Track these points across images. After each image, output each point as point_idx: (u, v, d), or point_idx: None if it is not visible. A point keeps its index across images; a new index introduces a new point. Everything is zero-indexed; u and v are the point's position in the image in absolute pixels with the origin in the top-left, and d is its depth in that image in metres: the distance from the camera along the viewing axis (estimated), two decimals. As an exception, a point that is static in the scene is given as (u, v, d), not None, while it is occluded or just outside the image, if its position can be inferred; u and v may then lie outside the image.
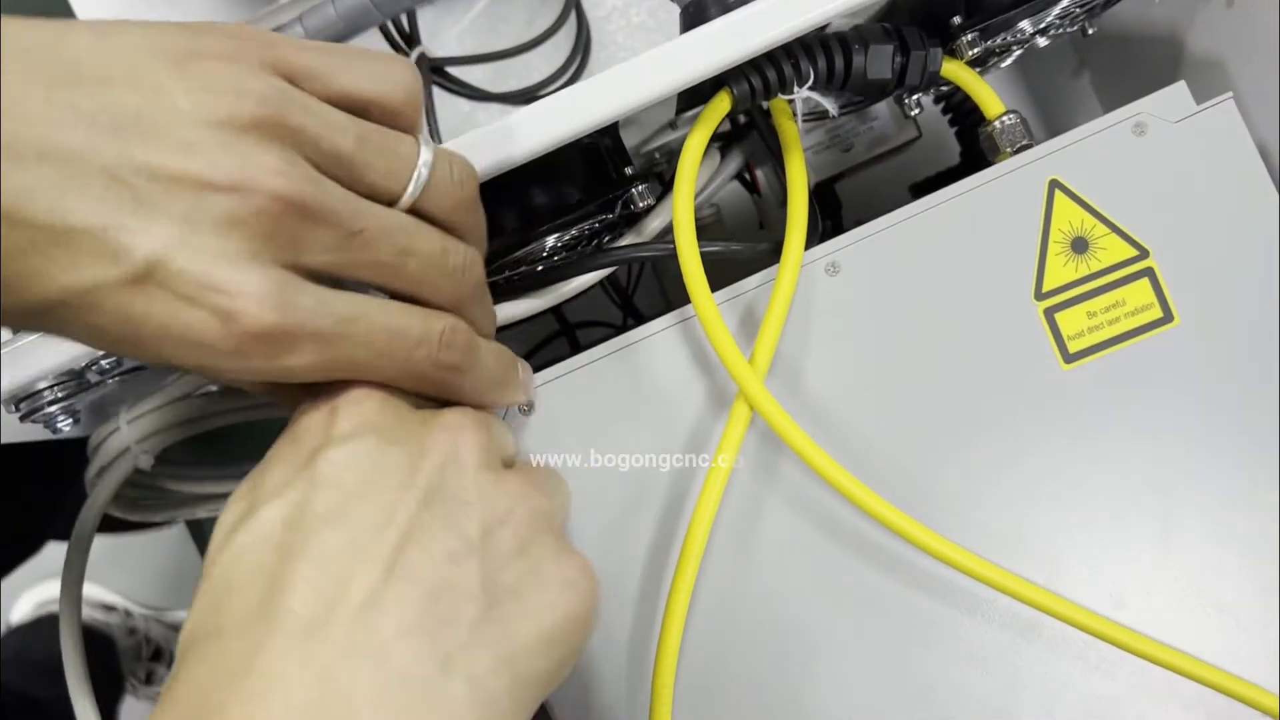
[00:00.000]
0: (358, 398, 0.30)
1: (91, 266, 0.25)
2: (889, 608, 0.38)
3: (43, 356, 0.34)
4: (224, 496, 0.50)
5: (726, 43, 0.35)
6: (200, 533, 1.01)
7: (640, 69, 0.35)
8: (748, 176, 0.50)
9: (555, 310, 0.50)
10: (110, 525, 0.51)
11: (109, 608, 1.08)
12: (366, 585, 0.26)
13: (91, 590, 1.09)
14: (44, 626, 1.06)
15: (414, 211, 0.30)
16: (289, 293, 0.26)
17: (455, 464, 0.29)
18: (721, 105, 0.38)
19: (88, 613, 1.08)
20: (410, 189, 0.30)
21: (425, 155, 0.30)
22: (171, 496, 0.48)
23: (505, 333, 0.42)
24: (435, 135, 0.56)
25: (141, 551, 1.10)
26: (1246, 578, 0.38)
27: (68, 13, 0.58)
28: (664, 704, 0.36)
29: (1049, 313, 0.38)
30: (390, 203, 0.29)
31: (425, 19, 0.60)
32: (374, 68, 0.30)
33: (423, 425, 0.30)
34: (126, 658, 1.05)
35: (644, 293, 0.57)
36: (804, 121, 0.49)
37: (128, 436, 0.42)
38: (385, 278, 0.29)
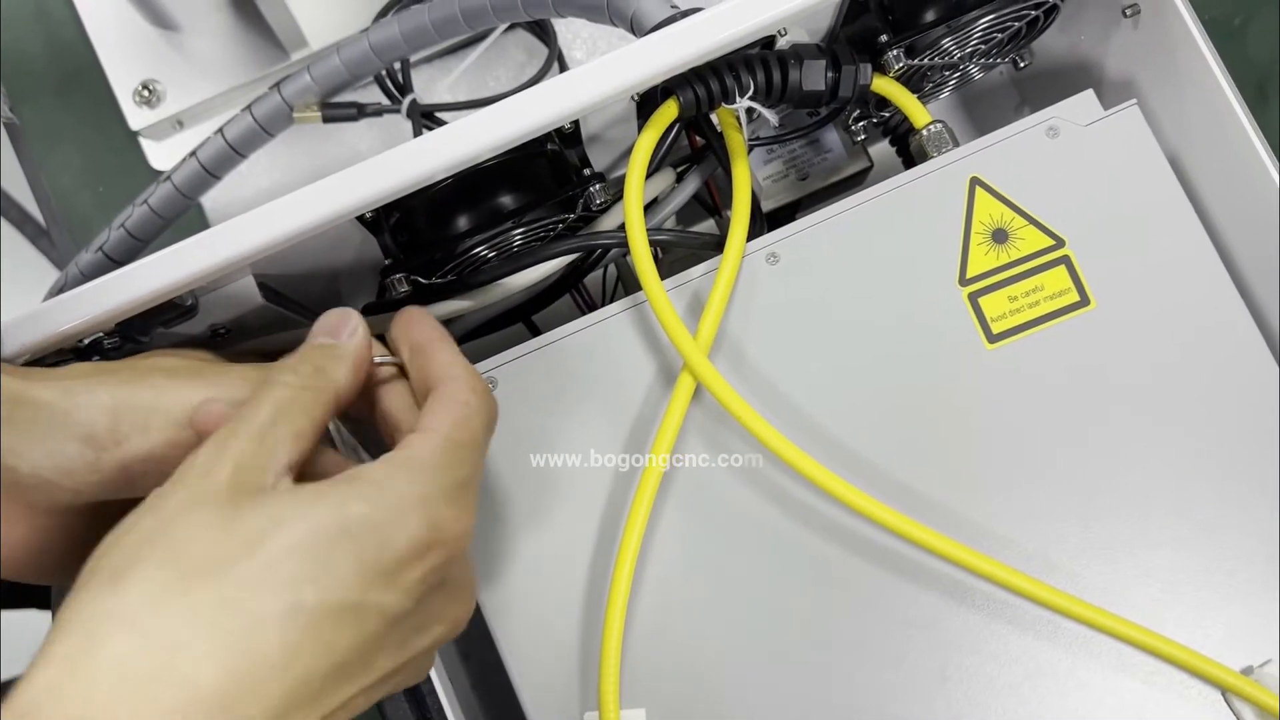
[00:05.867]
0: None
1: None
2: (824, 570, 0.40)
3: (49, 325, 0.37)
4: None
5: (657, 54, 0.38)
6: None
7: (586, 75, 0.39)
8: (710, 201, 0.54)
9: (529, 324, 0.53)
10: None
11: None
12: None
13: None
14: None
15: None
16: None
17: None
18: (669, 110, 0.42)
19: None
20: None
21: None
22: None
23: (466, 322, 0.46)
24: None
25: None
26: (1169, 541, 0.40)
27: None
28: (611, 670, 0.39)
29: (973, 297, 0.41)
30: None
31: (421, 76, 0.65)
32: None
33: None
34: None
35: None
36: (763, 149, 0.54)
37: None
38: None
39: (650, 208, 0.47)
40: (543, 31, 0.64)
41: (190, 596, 0.27)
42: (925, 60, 0.45)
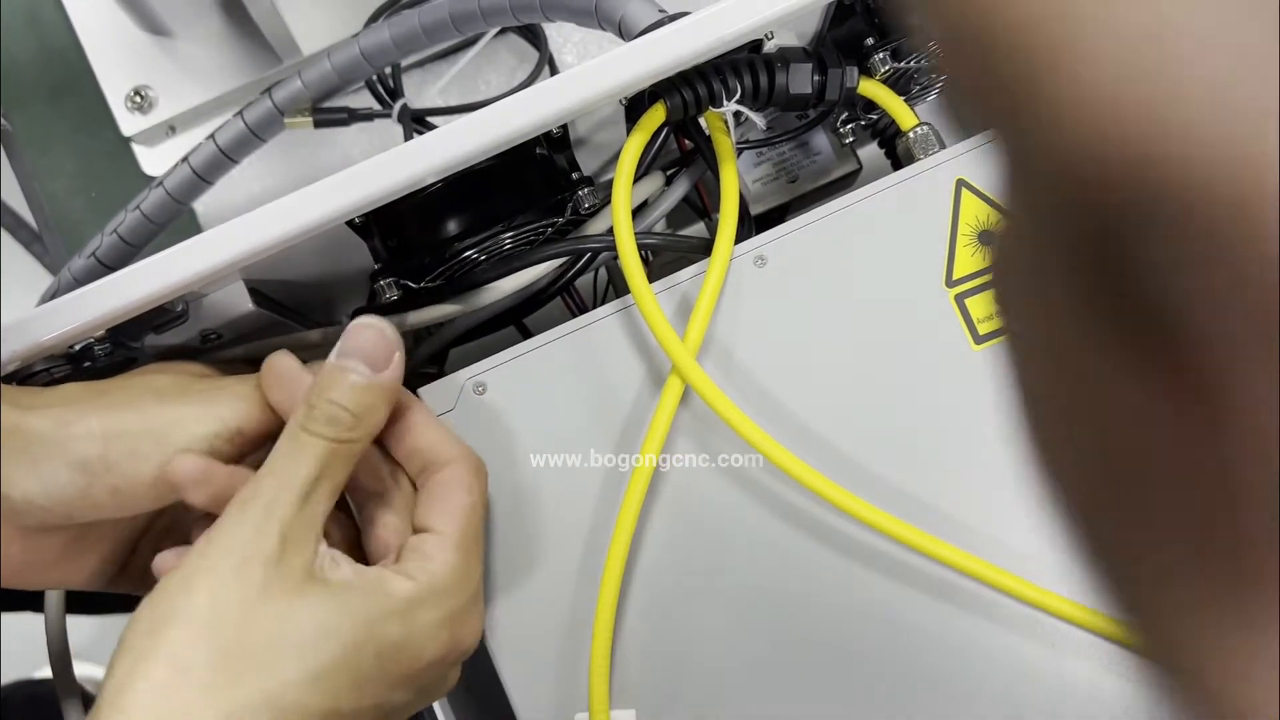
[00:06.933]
0: None
1: None
2: (814, 571, 0.40)
3: (40, 331, 0.37)
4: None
5: (645, 58, 0.38)
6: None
7: (574, 78, 0.39)
8: (699, 204, 0.54)
9: (520, 327, 0.53)
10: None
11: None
12: None
13: (87, 670, 1.11)
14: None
15: None
16: None
17: None
18: (657, 114, 0.42)
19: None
20: None
21: None
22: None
23: (457, 326, 0.46)
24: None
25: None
26: (1153, 540, 0.40)
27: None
28: (601, 670, 0.39)
29: (959, 298, 0.42)
30: None
31: (412, 80, 0.65)
32: None
33: None
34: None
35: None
36: (753, 152, 0.54)
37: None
38: None
39: (639, 211, 0.47)
40: (533, 36, 0.64)
41: (240, 689, 0.30)
42: (912, 63, 0.46)
